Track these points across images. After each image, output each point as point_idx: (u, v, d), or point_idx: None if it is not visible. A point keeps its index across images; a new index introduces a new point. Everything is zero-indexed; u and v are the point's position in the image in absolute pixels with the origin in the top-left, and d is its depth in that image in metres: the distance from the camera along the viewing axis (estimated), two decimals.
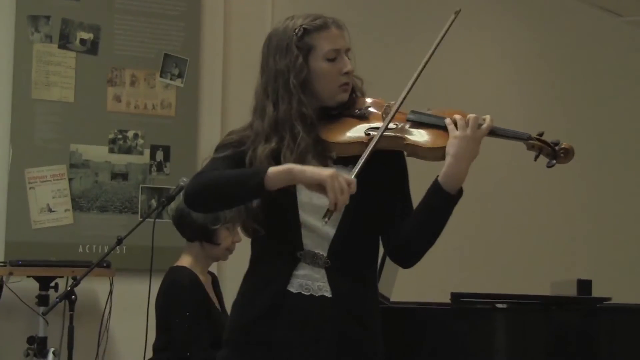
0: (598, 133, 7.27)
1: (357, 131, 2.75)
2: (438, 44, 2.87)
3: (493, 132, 2.80)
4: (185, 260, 4.40)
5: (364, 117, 2.80)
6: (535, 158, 2.85)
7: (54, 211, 5.66)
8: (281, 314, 2.70)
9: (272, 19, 6.27)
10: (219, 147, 2.81)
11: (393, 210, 2.79)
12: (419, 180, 2.88)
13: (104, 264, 5.01)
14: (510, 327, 3.74)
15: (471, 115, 2.73)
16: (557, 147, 2.79)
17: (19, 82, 5.64)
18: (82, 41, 5.80)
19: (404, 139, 2.73)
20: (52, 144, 5.68)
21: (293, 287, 2.70)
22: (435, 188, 2.70)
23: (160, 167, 5.90)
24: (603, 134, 7.29)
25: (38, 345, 5.07)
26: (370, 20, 6.62)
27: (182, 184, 4.51)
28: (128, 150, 5.84)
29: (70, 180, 5.71)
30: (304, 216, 2.72)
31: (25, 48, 5.67)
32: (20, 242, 5.54)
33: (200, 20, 6.09)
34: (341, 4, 6.53)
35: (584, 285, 4.59)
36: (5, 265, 5.22)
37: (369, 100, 2.88)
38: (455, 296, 3.86)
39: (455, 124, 2.71)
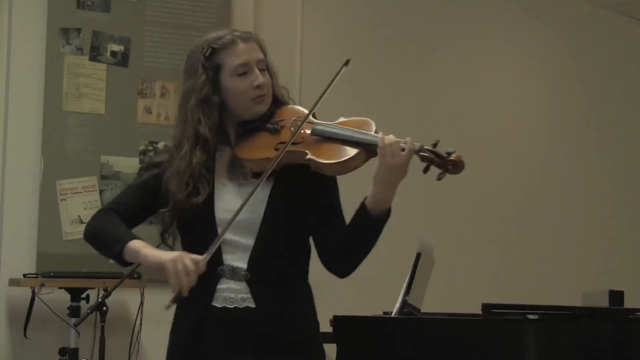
0: (631, 142, 7.24)
1: (266, 147, 2.78)
2: (327, 89, 2.83)
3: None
4: None
5: (276, 131, 2.81)
6: (425, 170, 2.73)
7: (85, 222, 5.66)
8: (208, 329, 2.77)
9: (302, 30, 6.30)
10: (140, 169, 2.97)
11: (319, 222, 2.82)
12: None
13: (135, 275, 5.02)
14: (541, 338, 3.72)
15: (392, 140, 2.68)
16: (446, 159, 2.69)
17: (50, 94, 5.67)
18: (113, 53, 5.83)
19: (306, 153, 2.73)
20: (83, 155, 5.71)
21: (218, 302, 2.78)
22: (363, 211, 2.71)
23: None
24: (636, 142, 7.25)
25: (70, 356, 5.09)
26: (395, 28, 6.62)
27: None
28: None
29: (101, 191, 5.73)
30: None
31: (57, 60, 5.71)
32: (51, 254, 5.56)
33: None
34: (368, 16, 6.56)
35: (616, 296, 4.56)
36: (37, 277, 5.25)
37: (291, 110, 2.87)
38: (486, 307, 3.85)
39: (382, 150, 2.66)
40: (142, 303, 5.14)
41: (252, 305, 2.75)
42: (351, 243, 2.76)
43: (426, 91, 6.63)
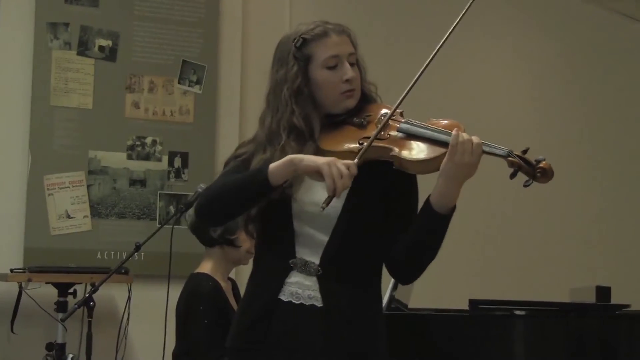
0: (619, 139, 7.25)
1: (351, 140, 2.74)
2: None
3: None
4: (206, 267, 4.38)
5: (362, 126, 2.78)
6: (511, 176, 2.78)
7: (72, 217, 5.67)
8: (272, 322, 2.71)
9: (290, 26, 6.28)
10: (229, 161, 2.85)
11: (393, 226, 2.75)
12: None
13: (123, 271, 5.01)
14: (528, 334, 3.73)
15: (473, 138, 2.66)
16: (535, 166, 2.74)
17: (37, 88, 5.66)
18: (101, 48, 5.82)
19: (391, 149, 2.68)
20: (70, 150, 5.70)
21: (284, 295, 2.71)
22: (427, 208, 2.67)
23: (178, 174, 5.91)
24: (621, 140, 7.27)
25: (57, 351, 5.08)
26: (385, 24, 6.62)
27: (200, 190, 4.51)
28: (146, 157, 5.86)
29: (88, 186, 5.72)
30: (298, 225, 2.72)
31: (44, 55, 5.69)
32: (39, 249, 5.55)
33: (219, 27, 6.11)
34: (357, 9, 6.55)
35: (603, 292, 4.58)
36: (24, 272, 5.23)
37: (379, 107, 2.85)
38: (473, 303, 3.86)
39: (454, 148, 2.64)
40: (129, 298, 5.12)
41: (318, 304, 2.69)
42: (415, 244, 2.69)
43: (415, 87, 6.62)
